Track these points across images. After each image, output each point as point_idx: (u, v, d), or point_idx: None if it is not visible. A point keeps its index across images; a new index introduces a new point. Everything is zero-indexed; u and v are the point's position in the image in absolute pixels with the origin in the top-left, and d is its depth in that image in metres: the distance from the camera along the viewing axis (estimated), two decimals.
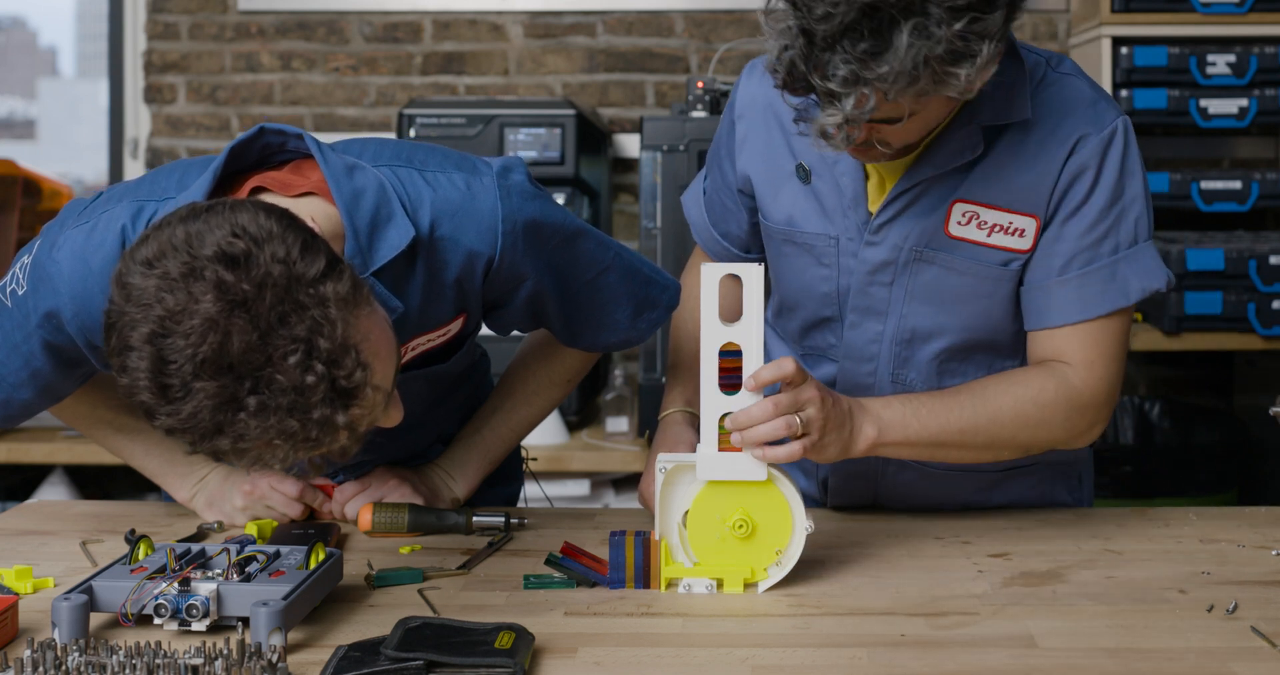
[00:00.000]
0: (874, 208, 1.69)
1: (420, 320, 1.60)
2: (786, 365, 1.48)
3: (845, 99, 1.42)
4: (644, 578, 1.50)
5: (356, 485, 1.76)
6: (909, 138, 1.56)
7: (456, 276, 1.57)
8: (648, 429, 3.35)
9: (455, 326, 1.67)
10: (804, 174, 1.73)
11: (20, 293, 1.57)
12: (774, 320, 1.90)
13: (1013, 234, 1.66)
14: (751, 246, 1.88)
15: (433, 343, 1.66)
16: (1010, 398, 1.64)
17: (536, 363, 1.87)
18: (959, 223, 1.66)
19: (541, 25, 3.91)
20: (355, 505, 1.75)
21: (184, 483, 1.80)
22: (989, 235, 1.66)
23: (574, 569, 1.51)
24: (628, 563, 1.50)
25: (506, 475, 1.97)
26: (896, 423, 1.59)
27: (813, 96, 1.47)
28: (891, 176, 1.68)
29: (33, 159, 3.93)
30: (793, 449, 1.49)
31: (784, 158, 1.75)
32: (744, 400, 1.48)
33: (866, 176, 1.70)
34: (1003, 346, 1.74)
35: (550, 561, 1.52)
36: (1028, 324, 1.70)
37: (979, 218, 1.66)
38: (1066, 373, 1.66)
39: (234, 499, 1.75)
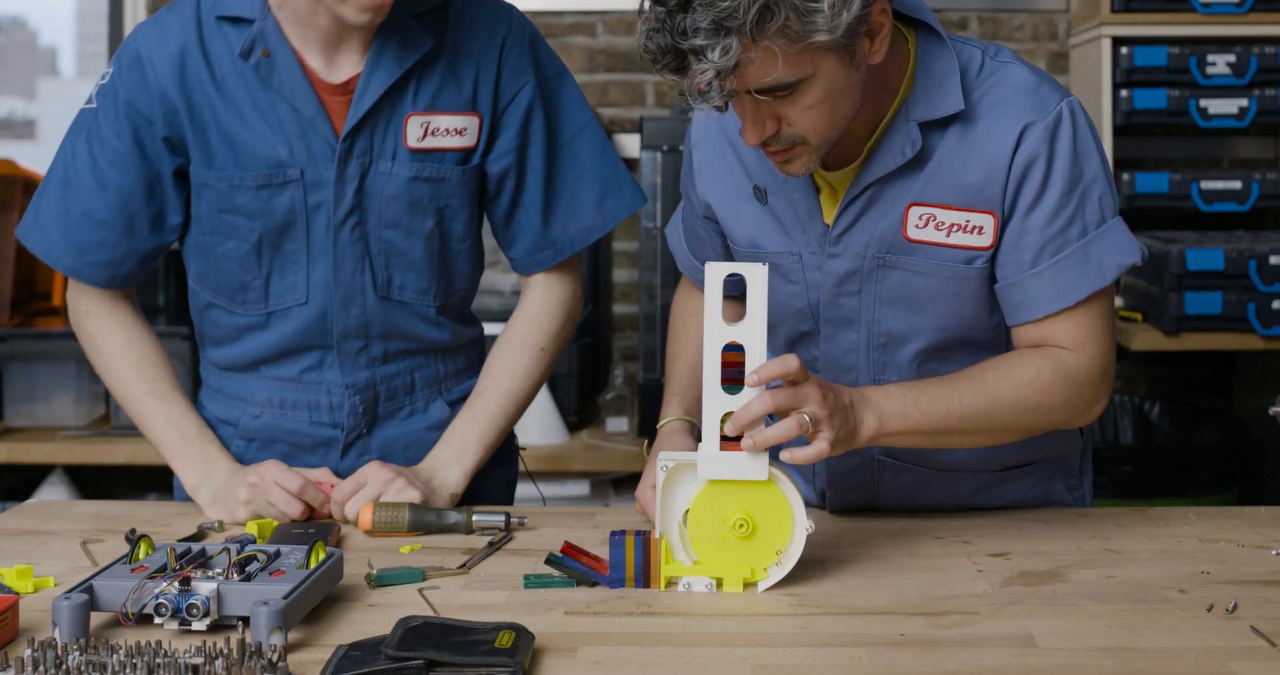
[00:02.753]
0: (830, 220, 1.70)
1: (441, 92, 1.77)
2: (790, 361, 1.48)
3: (712, 50, 1.44)
4: (644, 577, 1.50)
5: (354, 483, 1.76)
6: (819, 122, 1.55)
7: (476, 60, 1.78)
8: (646, 436, 3.35)
9: (470, 130, 1.79)
10: (760, 194, 1.74)
11: (105, 83, 1.77)
12: None
13: (971, 232, 1.66)
14: None
15: (445, 145, 1.77)
16: (1009, 383, 1.63)
17: (510, 334, 1.91)
18: (917, 226, 1.66)
19: (541, 25, 3.91)
20: (355, 504, 1.75)
21: (193, 468, 1.81)
22: (948, 235, 1.66)
23: (574, 568, 1.51)
24: (628, 562, 1.50)
25: (504, 459, 1.98)
26: (897, 412, 1.58)
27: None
28: (842, 186, 1.69)
29: (33, 159, 3.91)
30: (821, 447, 1.49)
31: (740, 180, 1.76)
32: (746, 398, 1.48)
33: (818, 190, 1.70)
34: (981, 342, 1.74)
35: (550, 561, 1.52)
36: (1010, 320, 1.70)
37: (936, 219, 1.66)
38: (1061, 354, 1.66)
39: (238, 491, 1.76)
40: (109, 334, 1.85)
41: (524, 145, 1.84)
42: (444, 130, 1.78)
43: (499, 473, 1.97)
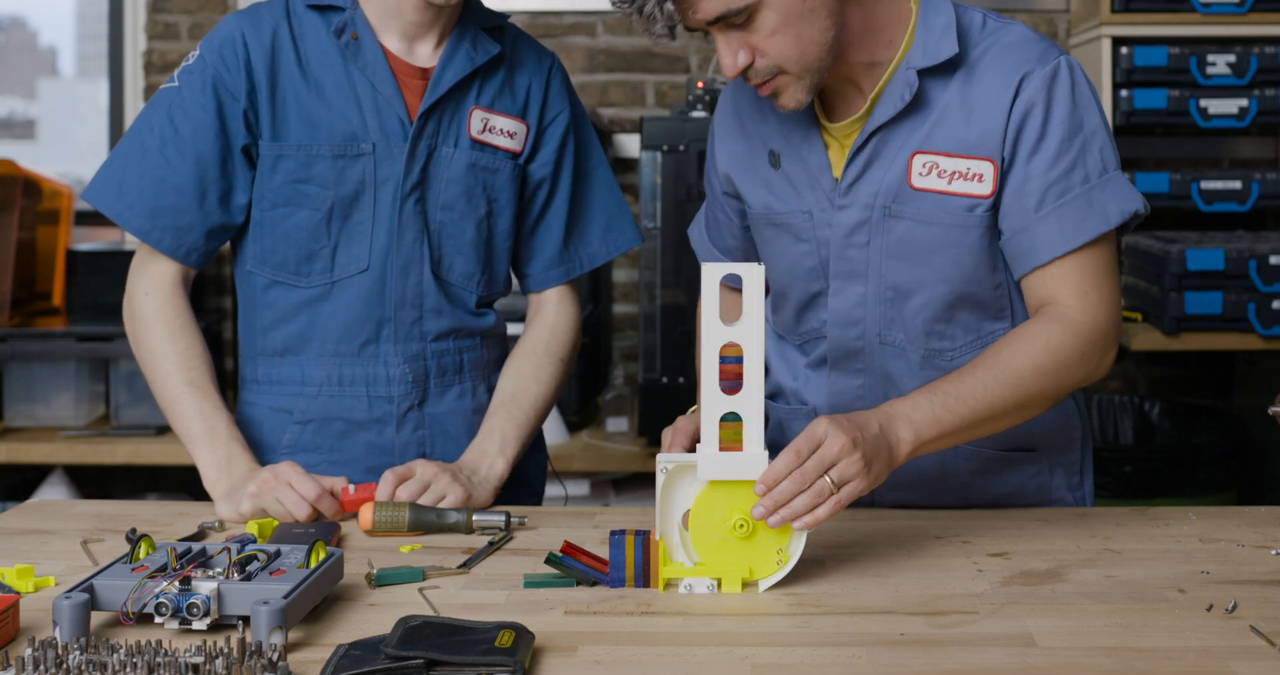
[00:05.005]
0: (839, 174, 1.77)
1: (499, 95, 1.96)
2: (817, 430, 1.49)
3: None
4: (644, 577, 1.50)
5: (403, 470, 1.79)
6: (786, 48, 1.63)
7: (529, 77, 1.99)
8: (646, 436, 3.36)
9: (519, 135, 1.97)
10: (774, 159, 1.82)
11: (190, 63, 1.88)
12: (771, 317, 1.93)
13: (972, 179, 1.71)
14: (750, 257, 1.96)
15: (499, 143, 1.95)
16: (1026, 356, 1.65)
17: (531, 343, 2.03)
18: (920, 174, 1.72)
19: (541, 25, 3.91)
20: (403, 494, 1.78)
21: (215, 462, 1.83)
22: (950, 183, 1.72)
23: (574, 568, 1.51)
24: (628, 562, 1.50)
25: (538, 446, 2.10)
26: (929, 420, 1.59)
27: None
28: (849, 139, 1.76)
29: (33, 159, 3.92)
30: (831, 508, 1.49)
31: (756, 147, 1.85)
32: (744, 401, 1.48)
33: (827, 147, 1.78)
34: (985, 302, 1.77)
35: (550, 560, 1.52)
36: (1017, 270, 1.73)
37: (939, 167, 1.72)
38: (1066, 312, 1.69)
39: (249, 485, 1.76)
40: (162, 319, 1.89)
41: (559, 162, 2.03)
42: (499, 130, 1.96)
43: (536, 458, 2.08)
